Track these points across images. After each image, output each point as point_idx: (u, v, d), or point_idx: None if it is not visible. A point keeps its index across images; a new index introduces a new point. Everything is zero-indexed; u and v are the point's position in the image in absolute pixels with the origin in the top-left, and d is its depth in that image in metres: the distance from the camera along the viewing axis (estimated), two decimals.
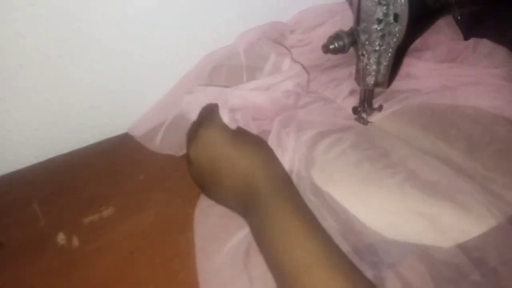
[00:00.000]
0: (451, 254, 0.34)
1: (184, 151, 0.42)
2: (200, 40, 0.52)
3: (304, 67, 0.49)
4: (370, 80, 0.45)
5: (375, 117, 0.50)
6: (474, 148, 0.44)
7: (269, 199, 0.33)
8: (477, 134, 0.46)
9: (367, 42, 0.42)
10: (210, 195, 0.40)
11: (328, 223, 0.37)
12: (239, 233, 0.37)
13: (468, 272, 0.32)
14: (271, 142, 0.42)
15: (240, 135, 0.38)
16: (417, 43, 0.55)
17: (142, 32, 0.49)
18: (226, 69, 0.51)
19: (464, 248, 0.34)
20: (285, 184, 0.36)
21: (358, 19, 0.40)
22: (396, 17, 0.39)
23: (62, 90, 0.48)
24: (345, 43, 0.42)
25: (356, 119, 0.50)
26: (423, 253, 0.34)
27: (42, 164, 0.50)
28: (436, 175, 0.40)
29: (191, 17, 0.50)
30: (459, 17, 0.44)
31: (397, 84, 0.53)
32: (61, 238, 0.40)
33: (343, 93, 0.53)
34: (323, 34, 0.53)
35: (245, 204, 0.35)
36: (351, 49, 0.44)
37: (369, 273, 0.32)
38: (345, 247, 0.34)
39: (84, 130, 0.52)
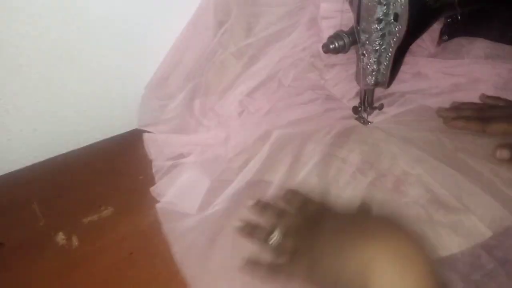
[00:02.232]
0: (475, 255, 0.34)
1: None
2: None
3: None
4: (370, 79, 0.45)
5: (378, 118, 0.50)
6: (480, 145, 0.45)
7: None
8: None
9: (367, 42, 0.42)
10: None
11: None
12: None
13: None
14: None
15: None
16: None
17: (142, 33, 0.49)
18: None
19: (485, 247, 0.35)
20: None
21: (358, 19, 0.40)
22: (396, 16, 0.39)
23: (62, 90, 0.48)
24: (345, 43, 0.42)
25: (356, 119, 0.50)
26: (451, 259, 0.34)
27: (41, 164, 0.50)
28: (446, 181, 0.41)
29: (190, 17, 0.50)
30: (459, 17, 0.44)
31: (406, 85, 0.54)
32: (61, 238, 0.40)
33: (350, 93, 0.53)
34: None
35: None
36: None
37: None
38: None
39: (83, 130, 0.52)
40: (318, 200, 0.37)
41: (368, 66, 0.44)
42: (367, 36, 0.41)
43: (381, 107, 0.49)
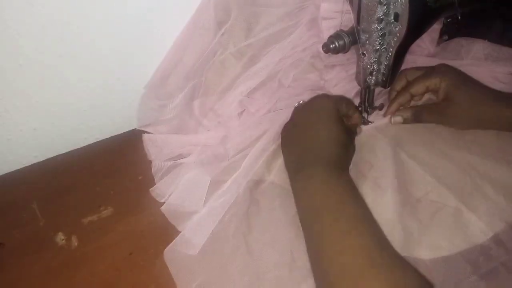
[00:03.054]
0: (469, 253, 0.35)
1: None
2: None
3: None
4: (371, 79, 0.45)
5: (378, 120, 0.50)
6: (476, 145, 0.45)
7: (330, 177, 0.35)
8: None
9: (367, 42, 0.42)
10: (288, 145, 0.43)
11: None
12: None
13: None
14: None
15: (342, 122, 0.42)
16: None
17: (141, 33, 0.49)
18: None
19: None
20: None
21: (358, 19, 0.40)
22: (396, 16, 0.39)
23: (61, 90, 0.48)
24: (346, 42, 0.42)
25: None
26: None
27: (41, 164, 0.50)
28: (433, 186, 0.41)
29: (190, 17, 0.50)
30: (459, 17, 0.44)
31: None
32: (60, 238, 0.40)
33: (350, 94, 0.53)
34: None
35: (304, 167, 0.37)
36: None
37: None
38: None
39: (83, 130, 0.52)
40: None
41: (368, 66, 0.44)
42: (367, 36, 0.41)
43: (381, 107, 0.50)
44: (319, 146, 0.39)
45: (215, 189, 0.42)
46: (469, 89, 0.45)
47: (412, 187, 0.41)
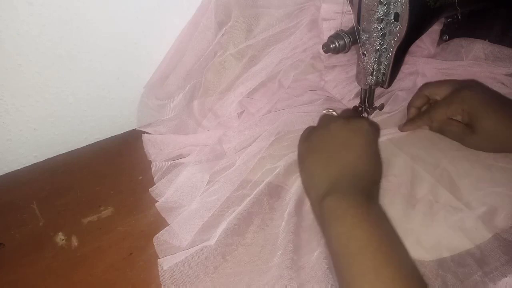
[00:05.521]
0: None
1: None
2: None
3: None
4: (371, 79, 0.45)
5: (377, 118, 0.50)
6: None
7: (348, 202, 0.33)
8: None
9: (367, 42, 0.42)
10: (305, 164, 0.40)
11: None
12: None
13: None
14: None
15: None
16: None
17: (141, 32, 0.49)
18: None
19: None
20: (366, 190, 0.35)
21: (358, 18, 0.40)
22: (396, 16, 0.39)
23: (61, 90, 0.48)
24: (346, 42, 0.42)
25: None
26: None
27: (41, 164, 0.50)
28: (427, 189, 0.41)
29: (190, 17, 0.50)
30: (459, 17, 0.44)
31: (402, 83, 0.54)
32: (60, 238, 0.40)
33: (350, 94, 0.53)
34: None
35: (336, 192, 0.34)
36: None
37: None
38: None
39: (83, 130, 0.52)
40: None
41: (368, 66, 0.44)
42: (367, 35, 0.41)
43: (381, 107, 0.49)
44: (358, 174, 0.35)
45: (209, 187, 0.42)
46: (493, 116, 0.42)
47: (413, 187, 0.41)
